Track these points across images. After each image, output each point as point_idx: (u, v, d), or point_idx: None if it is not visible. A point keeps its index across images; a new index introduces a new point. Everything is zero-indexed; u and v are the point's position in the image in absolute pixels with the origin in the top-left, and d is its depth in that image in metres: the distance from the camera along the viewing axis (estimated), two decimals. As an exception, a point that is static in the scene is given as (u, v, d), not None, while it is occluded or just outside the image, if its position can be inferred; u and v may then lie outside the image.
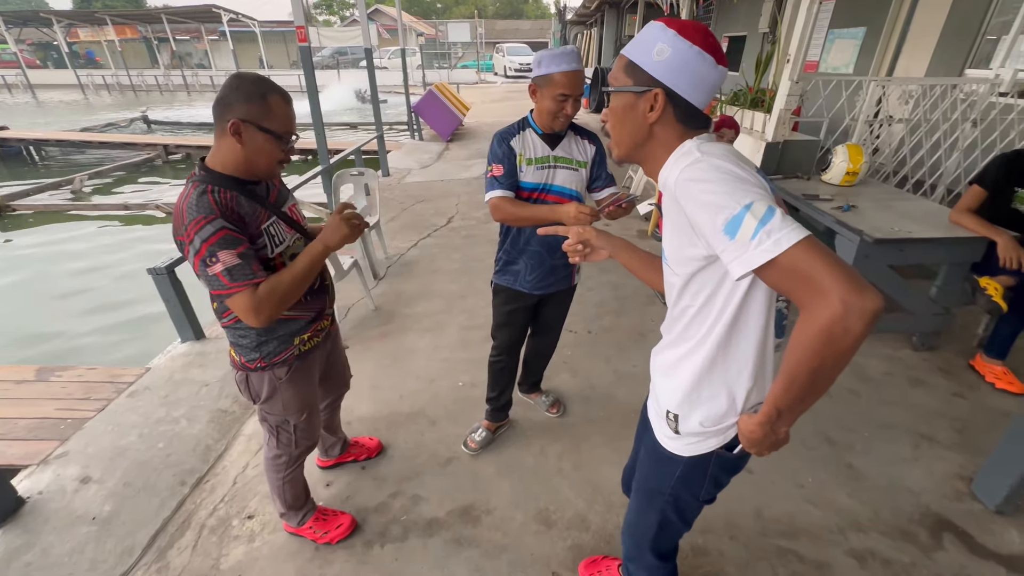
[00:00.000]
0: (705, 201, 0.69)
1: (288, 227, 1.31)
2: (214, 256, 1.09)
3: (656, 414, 1.00)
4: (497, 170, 1.63)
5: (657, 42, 0.79)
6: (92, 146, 10.50)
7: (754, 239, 0.64)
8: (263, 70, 25.51)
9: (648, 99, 0.80)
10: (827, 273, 0.61)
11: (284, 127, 1.18)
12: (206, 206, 1.09)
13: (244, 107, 1.12)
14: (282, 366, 1.37)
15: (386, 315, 3.15)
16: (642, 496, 1.10)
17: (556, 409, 2.29)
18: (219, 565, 1.64)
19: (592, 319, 3.07)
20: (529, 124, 1.66)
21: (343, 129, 12.66)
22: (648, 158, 0.87)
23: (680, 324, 0.90)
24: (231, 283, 1.11)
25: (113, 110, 17.70)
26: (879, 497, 1.85)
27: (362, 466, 2.02)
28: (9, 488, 1.80)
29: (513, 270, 1.82)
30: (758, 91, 3.98)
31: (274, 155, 1.19)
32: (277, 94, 1.16)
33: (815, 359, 0.64)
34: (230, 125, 1.12)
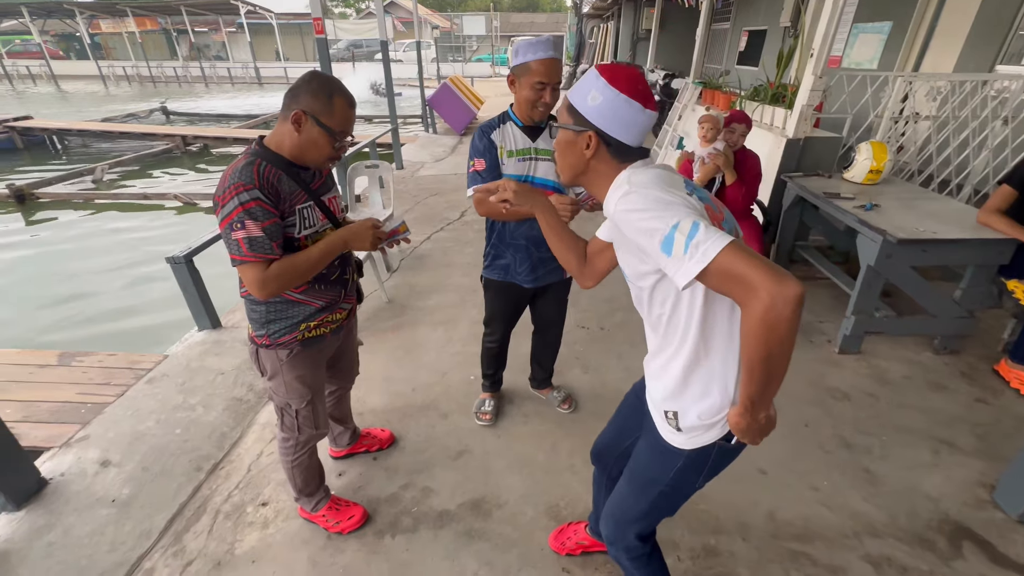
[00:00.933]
0: (641, 228, 0.78)
1: (322, 215, 1.35)
2: (241, 223, 1.15)
3: (657, 414, 1.05)
4: (479, 164, 1.65)
5: (591, 89, 0.90)
6: (113, 136, 10.67)
7: (686, 253, 0.72)
8: (279, 62, 25.69)
9: (584, 138, 0.91)
10: (752, 271, 0.69)
11: (341, 126, 1.24)
12: (248, 175, 1.15)
13: (309, 100, 1.19)
14: (284, 348, 1.40)
15: (399, 308, 3.16)
16: (636, 484, 1.13)
17: (568, 405, 2.28)
18: (234, 550, 1.67)
19: (604, 315, 3.06)
20: (510, 117, 1.67)
21: (357, 122, 12.69)
22: (590, 185, 0.98)
23: (659, 331, 0.98)
24: (248, 252, 1.17)
25: (133, 101, 17.97)
26: (896, 502, 1.81)
27: (374, 457, 2.04)
28: (33, 469, 1.85)
29: (501, 264, 1.85)
30: (779, 86, 3.89)
31: (325, 149, 1.25)
32: (343, 96, 1.23)
33: (762, 348, 0.72)
34: (292, 114, 1.19)
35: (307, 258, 1.27)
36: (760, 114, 3.86)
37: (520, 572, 1.60)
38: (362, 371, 2.54)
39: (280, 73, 24.09)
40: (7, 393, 2.36)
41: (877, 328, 2.67)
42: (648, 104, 0.88)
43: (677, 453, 1.01)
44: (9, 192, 6.63)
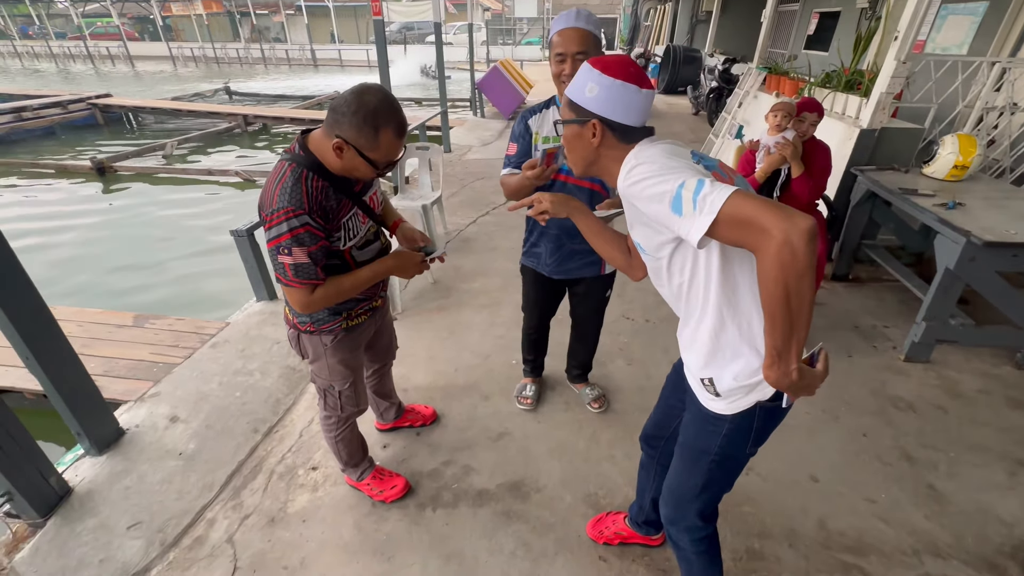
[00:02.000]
0: (649, 195, 0.81)
1: (364, 216, 1.33)
2: (289, 250, 1.14)
3: (695, 383, 1.06)
4: (511, 149, 1.62)
5: (587, 82, 0.94)
6: (181, 114, 11.31)
7: (695, 208, 0.74)
8: (334, 44, 26.28)
9: (589, 128, 0.95)
10: (761, 214, 0.70)
11: (386, 158, 1.18)
12: (298, 198, 1.12)
13: (354, 132, 1.11)
14: (328, 334, 1.42)
15: (444, 289, 3.21)
16: (688, 458, 1.14)
17: (599, 404, 2.20)
18: (286, 508, 1.77)
19: (652, 308, 2.99)
20: (555, 102, 1.60)
21: (408, 104, 12.86)
22: (604, 172, 1.01)
23: (682, 300, 1.00)
24: (294, 278, 1.17)
25: (199, 81, 18.93)
26: (964, 523, 1.69)
27: (417, 432, 2.10)
28: (113, 419, 2.02)
29: (536, 252, 1.82)
30: (855, 72, 3.62)
31: (367, 174, 1.20)
32: (391, 128, 1.13)
33: (780, 287, 0.71)
34: (334, 143, 1.12)
35: (353, 282, 1.28)
36: (831, 102, 3.61)
37: (556, 556, 1.61)
38: (407, 350, 2.62)
39: (334, 55, 24.67)
40: (91, 349, 2.58)
41: (951, 337, 2.48)
42: (643, 84, 0.93)
43: (720, 419, 1.02)
44: (91, 164, 7.17)
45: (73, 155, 8.75)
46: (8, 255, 1.57)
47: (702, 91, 8.80)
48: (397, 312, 2.92)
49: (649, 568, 1.57)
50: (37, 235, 5.43)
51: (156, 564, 1.59)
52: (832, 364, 2.50)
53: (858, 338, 2.71)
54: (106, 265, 4.77)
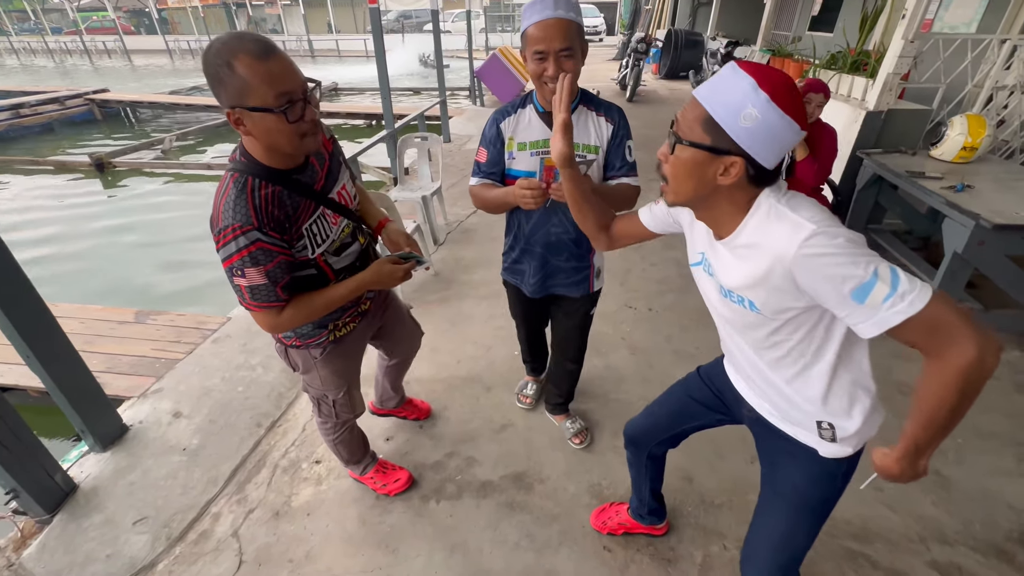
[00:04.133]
0: (830, 274, 0.72)
1: (335, 215, 1.17)
2: (241, 271, 1.01)
3: (804, 429, 0.96)
4: (481, 155, 1.42)
5: (747, 105, 0.72)
6: (179, 108, 11.24)
7: (887, 302, 0.69)
8: (331, 34, 26.00)
9: (724, 163, 0.77)
10: (958, 324, 0.68)
11: (272, 90, 0.91)
12: (243, 213, 0.98)
13: (222, 92, 0.91)
14: (316, 347, 1.34)
15: (445, 280, 3.19)
16: (801, 508, 1.02)
17: (580, 440, 1.94)
18: (290, 502, 1.77)
19: (654, 296, 2.96)
20: (531, 100, 1.38)
21: (406, 94, 12.75)
22: (707, 208, 0.86)
23: (777, 350, 0.90)
24: (252, 301, 1.06)
25: (196, 74, 18.78)
26: (971, 510, 1.68)
27: (420, 425, 2.09)
28: (116, 416, 2.02)
29: (519, 269, 1.64)
30: (860, 53, 3.55)
31: (286, 131, 0.95)
32: (244, 54, 0.88)
33: (956, 397, 0.70)
34: (228, 118, 0.95)
35: (326, 301, 1.14)
36: (836, 84, 3.54)
37: (561, 546, 1.61)
38: (409, 341, 2.60)
39: (332, 46, 24.41)
40: (92, 345, 2.58)
41: (958, 322, 2.44)
42: (802, 122, 0.74)
43: (839, 463, 0.96)
44: (90, 160, 7.14)
45: (72, 151, 8.73)
46: (4, 253, 1.56)
47: (704, 75, 8.67)
48: (398, 304, 2.91)
49: (653, 558, 1.57)
50: (37, 232, 5.43)
51: (162, 559, 1.60)
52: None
53: (864, 324, 2.68)
54: (106, 261, 4.77)
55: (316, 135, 1.03)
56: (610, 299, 2.93)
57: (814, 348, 0.86)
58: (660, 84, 10.93)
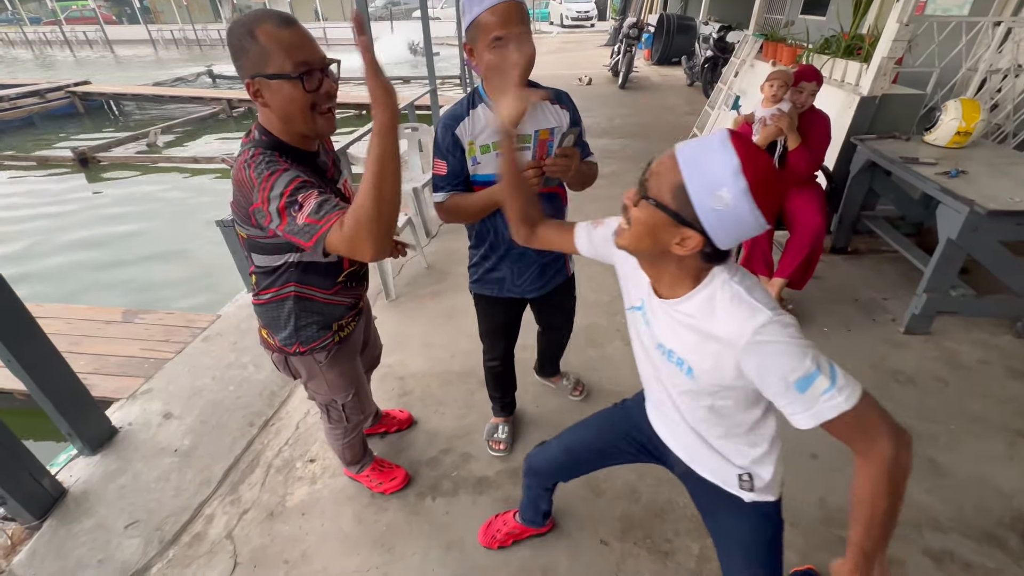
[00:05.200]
0: (778, 364, 0.74)
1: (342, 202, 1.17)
2: (296, 203, 0.91)
3: (725, 478, 0.99)
4: (440, 167, 1.31)
5: (723, 186, 0.68)
6: (164, 100, 11.02)
7: (825, 395, 0.72)
8: (318, 23, 25.50)
9: (682, 234, 0.74)
10: (879, 422, 0.73)
11: (292, 58, 0.92)
12: (273, 161, 0.96)
13: (244, 62, 0.93)
14: (321, 351, 1.30)
15: (438, 273, 3.16)
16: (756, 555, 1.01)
17: (579, 391, 2.16)
18: (285, 502, 1.75)
19: (648, 287, 2.95)
20: (481, 98, 1.28)
21: (396, 83, 12.56)
22: (655, 266, 0.85)
23: (706, 412, 0.91)
24: (321, 220, 0.90)
25: (181, 65, 18.39)
26: (964, 496, 1.69)
27: (415, 420, 2.08)
28: (105, 418, 1.99)
29: (494, 278, 1.53)
30: (854, 37, 3.51)
31: (301, 100, 0.96)
32: (266, 23, 0.92)
33: (886, 496, 0.73)
34: (251, 93, 0.96)
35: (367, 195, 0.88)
36: (830, 69, 3.51)
37: (558, 541, 1.61)
38: (402, 336, 2.58)
39: (320, 34, 23.94)
40: (80, 346, 2.53)
41: (951, 308, 2.45)
42: (771, 215, 0.71)
43: (768, 503, 0.99)
44: (73, 155, 7.00)
45: (55, 146, 8.54)
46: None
47: (697, 61, 8.59)
48: (391, 298, 2.88)
49: (650, 551, 1.57)
50: (19, 231, 5.32)
51: (156, 562, 1.58)
52: (831, 338, 2.49)
53: (857, 311, 2.69)
54: (92, 259, 4.69)
55: (331, 118, 1.03)
56: (604, 291, 2.91)
57: (743, 410, 0.88)
58: (652, 70, 10.83)
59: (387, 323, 2.70)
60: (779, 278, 2.53)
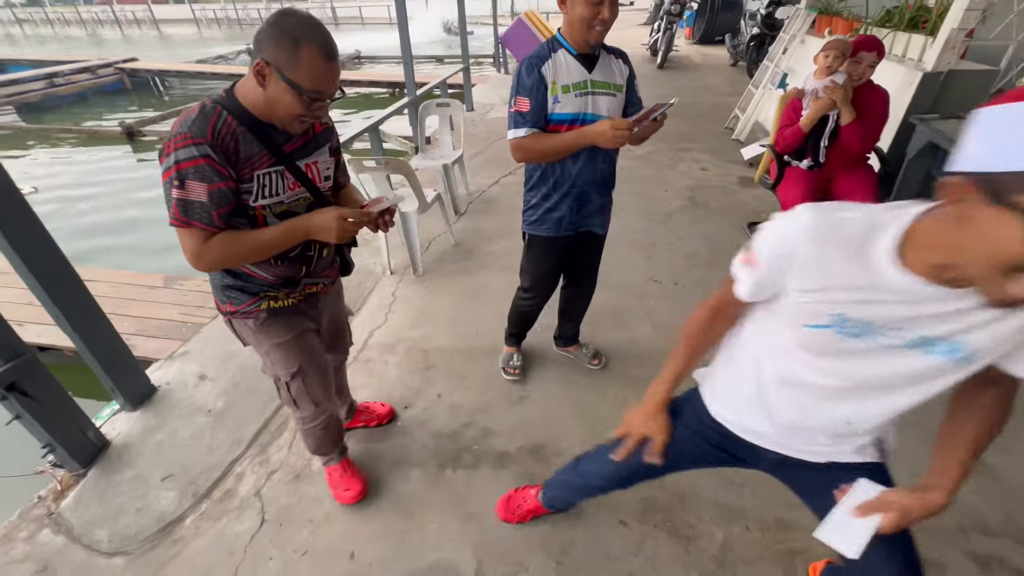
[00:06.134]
0: None
1: (295, 182, 1.14)
2: (182, 181, 0.97)
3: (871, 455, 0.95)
4: (522, 104, 1.42)
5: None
6: (205, 76, 11.31)
7: None
8: (355, 1, 25.52)
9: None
10: None
11: (312, 84, 0.99)
12: (201, 127, 0.97)
13: (273, 49, 0.97)
14: (248, 317, 1.25)
15: (466, 251, 3.15)
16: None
17: (598, 361, 2.17)
18: (310, 465, 1.80)
19: (681, 271, 2.86)
20: (561, 44, 1.43)
21: (429, 62, 12.50)
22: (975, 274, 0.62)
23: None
24: (183, 217, 1.00)
25: (222, 43, 18.80)
26: (1016, 501, 1.58)
27: (439, 394, 2.09)
28: (145, 377, 2.07)
29: (554, 218, 1.64)
30: (919, 8, 3.24)
31: (294, 108, 1.01)
32: (315, 45, 0.97)
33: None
34: (255, 65, 0.99)
35: (254, 241, 1.07)
36: (891, 43, 3.26)
37: (577, 520, 1.59)
38: (429, 311, 2.59)
39: (355, 13, 24.00)
40: (124, 309, 2.65)
41: (1013, 302, 2.27)
42: None
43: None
44: (121, 129, 7.28)
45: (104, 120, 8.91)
46: (32, 219, 1.58)
47: (742, 39, 8.17)
48: (418, 273, 2.89)
49: (671, 535, 1.54)
50: (70, 199, 5.60)
51: (189, 514, 1.65)
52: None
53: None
54: (136, 227, 4.90)
55: (302, 125, 1.09)
56: (634, 272, 2.84)
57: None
58: (694, 49, 10.39)
59: (413, 298, 2.71)
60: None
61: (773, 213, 0.84)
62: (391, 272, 2.93)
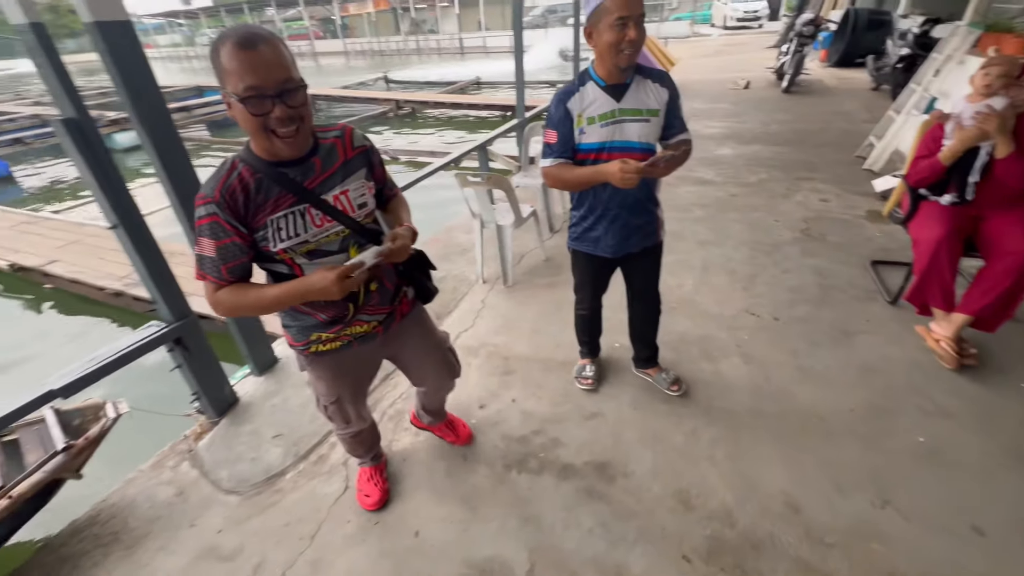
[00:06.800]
0: None
1: (325, 216, 1.11)
2: (198, 239, 1.06)
3: None
4: (550, 136, 1.54)
5: None
6: (347, 100, 12.94)
7: None
8: (480, 32, 27.47)
9: None
10: None
11: (241, 80, 0.91)
12: (211, 186, 1.03)
13: (216, 75, 0.96)
14: (300, 353, 1.34)
15: (555, 267, 3.23)
16: None
17: (677, 387, 2.09)
18: (391, 447, 1.97)
19: (782, 305, 2.64)
20: (590, 77, 1.51)
21: (543, 87, 12.99)
22: None
23: None
24: (199, 270, 1.09)
25: (363, 71, 21.36)
26: None
27: (513, 399, 2.16)
28: (271, 350, 2.44)
29: (591, 237, 1.75)
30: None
31: (251, 122, 0.95)
32: (227, 41, 0.91)
33: None
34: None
35: (258, 298, 1.09)
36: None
37: (635, 544, 1.55)
38: (514, 320, 2.70)
39: (480, 43, 25.80)
40: (262, 291, 3.13)
41: None
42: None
43: None
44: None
45: (267, 136, 10.63)
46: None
47: (888, 60, 7.35)
48: (508, 284, 3.02)
49: (739, 581, 1.43)
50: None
51: (290, 470, 1.91)
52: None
53: (1079, 371, 2.08)
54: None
55: (294, 139, 1.01)
56: (729, 303, 2.69)
57: None
58: (828, 73, 9.55)
59: (500, 306, 2.84)
60: (962, 314, 2.08)
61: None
62: (483, 281, 3.10)
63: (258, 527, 1.70)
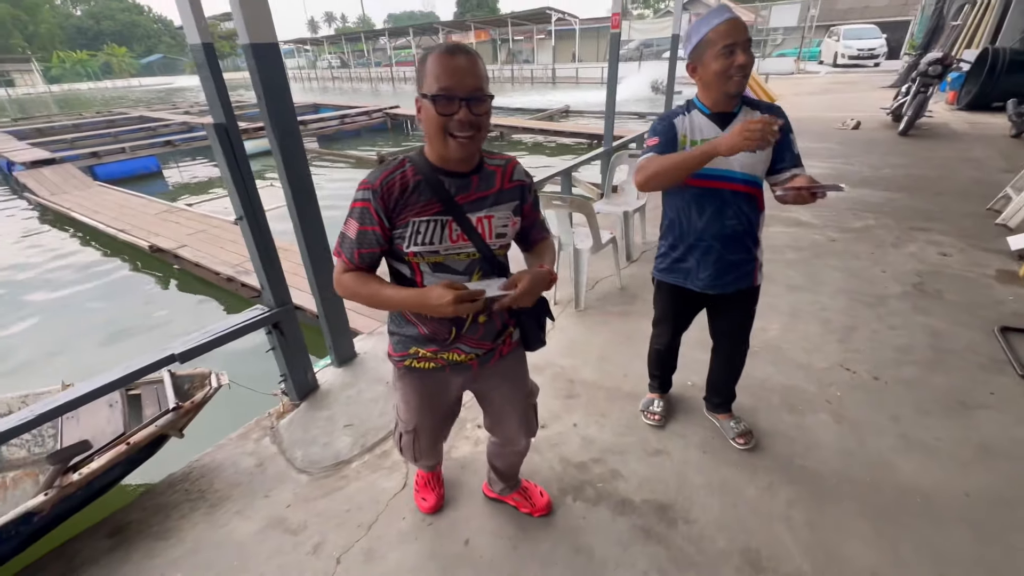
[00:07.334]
0: None
1: (462, 234, 1.12)
2: (347, 219, 1.12)
3: None
4: (652, 142, 1.51)
5: None
6: (442, 123, 13.82)
7: None
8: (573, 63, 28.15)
9: None
10: None
11: (437, 81, 0.99)
12: (375, 175, 1.09)
13: (418, 82, 1.06)
14: (396, 365, 1.35)
15: (630, 296, 3.16)
16: None
17: (744, 440, 1.93)
18: (450, 453, 2.02)
19: (885, 364, 2.38)
20: (695, 105, 1.51)
21: (632, 118, 12.97)
22: None
23: None
24: (338, 246, 1.15)
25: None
26: None
27: (575, 423, 2.13)
28: (352, 344, 2.61)
29: (683, 268, 1.68)
30: None
31: (435, 121, 1.01)
32: (438, 50, 1.01)
33: None
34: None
35: (376, 290, 1.12)
36: None
37: (694, 597, 1.44)
38: (582, 344, 2.68)
39: (571, 73, 26.40)
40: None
41: None
42: None
43: None
44: (377, 156, 9.39)
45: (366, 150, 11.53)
46: (318, 217, 2.18)
47: (1033, 106, 6.51)
48: (579, 308, 3.01)
49: (811, 662, 1.28)
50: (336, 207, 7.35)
51: (356, 460, 2.01)
52: None
53: None
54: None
55: (465, 144, 1.04)
56: (820, 354, 2.47)
57: None
58: (957, 116, 8.64)
59: (570, 329, 2.83)
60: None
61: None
62: (555, 302, 3.11)
63: (322, 508, 1.80)
